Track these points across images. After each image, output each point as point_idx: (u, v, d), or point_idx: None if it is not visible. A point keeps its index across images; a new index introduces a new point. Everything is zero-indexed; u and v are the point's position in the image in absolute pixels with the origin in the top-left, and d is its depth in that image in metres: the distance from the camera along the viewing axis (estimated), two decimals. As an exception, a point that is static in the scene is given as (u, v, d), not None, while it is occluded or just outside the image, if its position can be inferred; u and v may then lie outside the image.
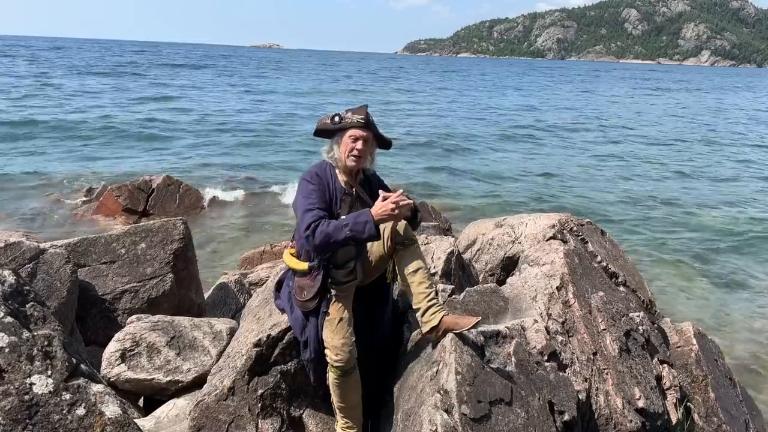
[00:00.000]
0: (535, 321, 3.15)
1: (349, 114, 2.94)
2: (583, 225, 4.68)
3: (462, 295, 3.41)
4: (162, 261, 4.69)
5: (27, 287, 2.72)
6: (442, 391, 2.51)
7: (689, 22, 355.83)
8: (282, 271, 3.32)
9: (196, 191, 11.69)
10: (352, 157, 2.91)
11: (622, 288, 4.17)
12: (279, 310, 3.17)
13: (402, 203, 2.70)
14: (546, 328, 3.16)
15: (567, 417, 2.75)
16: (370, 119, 2.95)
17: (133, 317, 3.99)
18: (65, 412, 2.32)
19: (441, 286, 3.53)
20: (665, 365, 3.69)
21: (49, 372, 2.38)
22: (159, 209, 10.65)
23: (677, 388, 3.61)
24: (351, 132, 2.92)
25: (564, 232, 4.39)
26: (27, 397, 2.28)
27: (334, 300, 2.84)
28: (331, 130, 2.98)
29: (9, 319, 2.44)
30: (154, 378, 3.54)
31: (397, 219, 2.76)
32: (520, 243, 4.52)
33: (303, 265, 2.89)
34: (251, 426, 2.89)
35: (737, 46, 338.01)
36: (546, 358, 2.98)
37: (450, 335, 2.70)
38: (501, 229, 4.83)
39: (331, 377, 2.84)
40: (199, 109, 28.16)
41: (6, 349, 2.35)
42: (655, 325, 4.03)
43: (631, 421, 3.07)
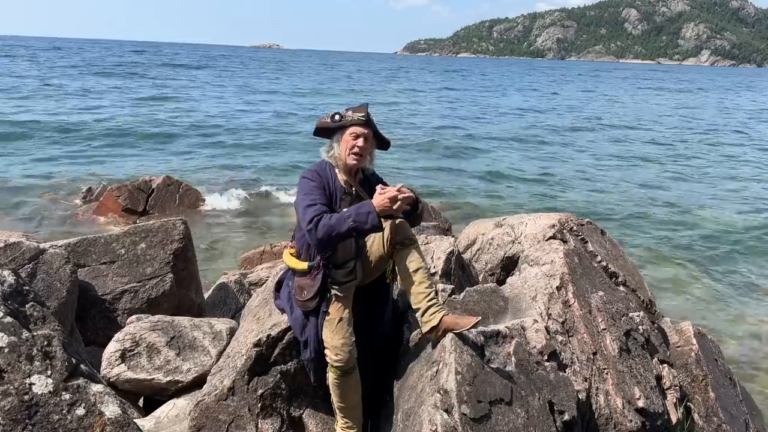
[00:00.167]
0: (535, 321, 3.15)
1: (350, 112, 2.94)
2: (583, 225, 4.68)
3: (462, 295, 3.41)
4: (162, 261, 4.68)
5: (27, 287, 2.72)
6: (442, 391, 2.51)
7: (689, 21, 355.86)
8: (282, 271, 3.32)
9: (196, 191, 11.69)
10: (353, 156, 2.91)
11: (622, 288, 4.17)
12: (279, 310, 3.17)
13: (401, 196, 2.70)
14: (546, 327, 3.16)
15: (567, 417, 2.75)
16: (370, 117, 2.95)
17: (133, 317, 3.98)
18: (65, 412, 2.32)
19: (441, 286, 3.53)
20: (665, 365, 3.69)
21: (49, 372, 2.38)
22: (159, 209, 10.65)
23: (677, 387, 3.61)
24: (352, 129, 2.92)
25: (564, 231, 4.39)
26: (27, 397, 2.28)
27: (334, 300, 2.83)
28: (332, 128, 2.98)
29: (9, 319, 2.44)
30: (154, 378, 3.54)
31: (398, 211, 2.75)
32: (520, 243, 4.52)
33: (303, 265, 2.89)
34: (251, 426, 2.89)
35: (737, 45, 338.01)
36: (546, 357, 2.98)
37: (450, 335, 2.70)
38: (501, 229, 4.83)
39: (331, 377, 2.84)
40: (200, 110, 28.15)
41: (6, 349, 2.35)
42: (655, 325, 4.02)
43: (631, 421, 3.07)
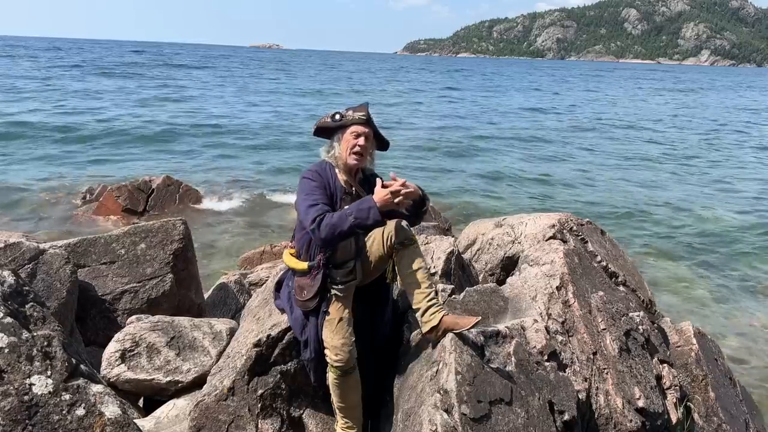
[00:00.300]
0: (535, 321, 3.15)
1: (350, 112, 2.94)
2: (583, 225, 4.68)
3: (462, 295, 3.40)
4: (162, 261, 4.68)
5: (27, 288, 2.71)
6: (442, 391, 2.51)
7: (689, 21, 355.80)
8: (282, 271, 3.32)
9: (195, 191, 11.70)
10: (353, 155, 2.90)
11: (621, 288, 4.17)
12: (279, 310, 3.17)
13: (405, 191, 2.68)
14: (546, 327, 3.15)
15: (567, 417, 2.75)
16: (370, 116, 2.95)
17: (133, 317, 3.98)
18: (65, 412, 2.32)
19: (441, 286, 3.52)
20: (665, 365, 3.69)
21: (49, 372, 2.38)
22: (159, 209, 10.65)
23: (677, 387, 3.61)
24: (353, 128, 2.91)
25: (564, 231, 4.39)
26: (27, 398, 2.28)
27: (333, 300, 2.83)
28: (332, 128, 2.97)
29: (8, 320, 2.44)
30: (153, 378, 3.54)
31: (400, 206, 2.74)
32: (519, 243, 4.52)
33: (303, 265, 2.89)
34: (251, 426, 2.88)
35: (737, 45, 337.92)
36: (546, 357, 2.98)
37: (450, 335, 2.70)
38: (501, 229, 4.83)
39: (331, 377, 2.84)
40: (200, 110, 28.15)
41: (6, 350, 2.35)
42: (655, 325, 4.02)
43: (631, 421, 3.07)
